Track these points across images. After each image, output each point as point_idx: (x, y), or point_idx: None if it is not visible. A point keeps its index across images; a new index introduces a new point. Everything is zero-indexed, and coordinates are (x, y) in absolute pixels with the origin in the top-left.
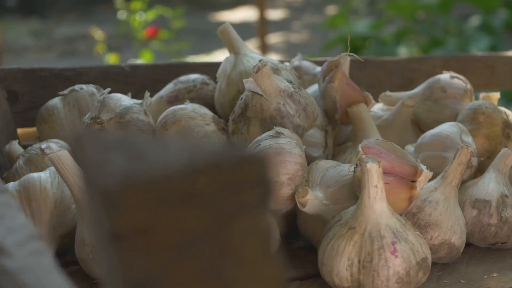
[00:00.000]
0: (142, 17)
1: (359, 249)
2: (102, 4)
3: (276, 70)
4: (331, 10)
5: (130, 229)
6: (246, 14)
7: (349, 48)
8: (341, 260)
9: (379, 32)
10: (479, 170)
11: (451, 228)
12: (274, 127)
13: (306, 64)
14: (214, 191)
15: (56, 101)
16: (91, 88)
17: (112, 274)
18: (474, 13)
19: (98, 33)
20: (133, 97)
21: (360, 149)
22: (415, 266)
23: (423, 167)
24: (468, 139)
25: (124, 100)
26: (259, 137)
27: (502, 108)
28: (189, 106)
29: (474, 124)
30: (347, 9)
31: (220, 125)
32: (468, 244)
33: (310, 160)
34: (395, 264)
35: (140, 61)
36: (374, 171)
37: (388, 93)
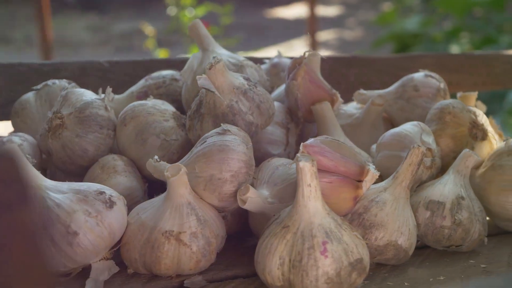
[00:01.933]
0: (191, 13)
1: (290, 248)
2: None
3: (240, 67)
4: (387, 6)
5: None
6: (300, 10)
7: (312, 46)
8: (273, 258)
9: (429, 29)
10: (445, 171)
11: (398, 229)
12: (222, 124)
13: (285, 61)
14: None
15: (29, 95)
16: (63, 83)
17: None
18: None
19: (148, 29)
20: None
21: (301, 147)
22: (347, 267)
23: (371, 167)
24: (429, 139)
25: (86, 95)
26: (206, 134)
27: (472, 108)
28: (149, 102)
29: (441, 123)
30: (399, 6)
31: (181, 121)
32: (426, 246)
33: (269, 157)
34: (325, 264)
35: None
36: (307, 170)
37: (361, 91)
